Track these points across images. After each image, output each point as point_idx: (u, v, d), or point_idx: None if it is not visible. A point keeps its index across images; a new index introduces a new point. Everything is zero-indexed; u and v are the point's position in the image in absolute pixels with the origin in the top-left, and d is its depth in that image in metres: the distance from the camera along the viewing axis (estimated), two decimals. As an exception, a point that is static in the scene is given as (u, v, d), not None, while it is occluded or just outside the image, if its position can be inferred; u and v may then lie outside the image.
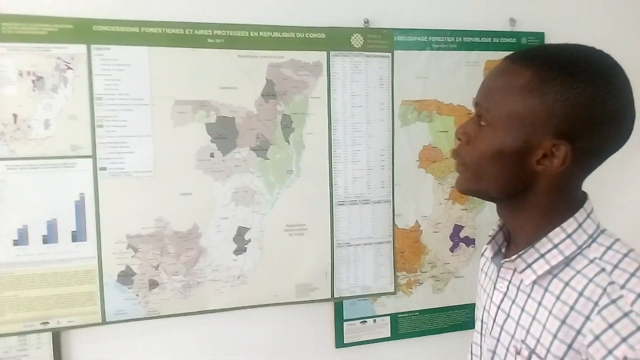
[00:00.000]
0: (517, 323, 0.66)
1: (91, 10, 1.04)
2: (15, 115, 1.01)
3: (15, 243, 1.03)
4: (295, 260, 1.20)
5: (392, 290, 1.25)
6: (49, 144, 1.03)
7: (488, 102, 0.63)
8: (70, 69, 1.03)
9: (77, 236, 1.06)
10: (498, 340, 0.69)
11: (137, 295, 1.10)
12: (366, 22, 1.19)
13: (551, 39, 1.32)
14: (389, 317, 1.27)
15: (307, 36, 1.16)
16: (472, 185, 0.67)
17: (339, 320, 1.24)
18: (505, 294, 0.69)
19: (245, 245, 1.16)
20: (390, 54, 1.21)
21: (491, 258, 0.73)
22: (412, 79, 1.23)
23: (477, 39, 1.27)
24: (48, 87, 1.02)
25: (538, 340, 0.62)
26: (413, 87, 1.23)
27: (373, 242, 1.25)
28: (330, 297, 1.22)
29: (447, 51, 1.25)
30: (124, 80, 1.06)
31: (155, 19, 1.07)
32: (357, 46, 1.19)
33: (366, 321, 1.26)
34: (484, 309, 0.74)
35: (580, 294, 0.59)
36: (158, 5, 1.08)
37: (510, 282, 0.68)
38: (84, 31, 1.03)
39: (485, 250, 0.80)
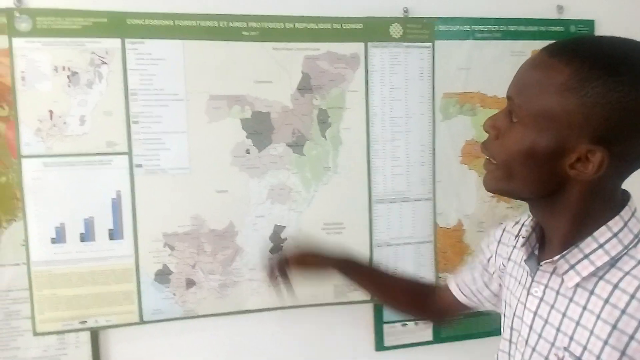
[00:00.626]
0: (558, 329, 0.61)
1: (125, 3, 1.02)
2: (51, 112, 1.00)
3: (53, 241, 1.02)
4: (332, 260, 1.16)
5: (434, 292, 1.20)
6: (84, 141, 1.02)
7: (521, 98, 0.59)
8: (105, 63, 1.02)
9: (114, 234, 1.05)
10: (534, 349, 0.64)
11: (174, 294, 1.08)
12: (405, 11, 1.14)
13: (602, 27, 1.24)
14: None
15: (344, 27, 1.12)
16: (500, 184, 0.64)
17: (379, 322, 1.20)
18: (541, 299, 0.64)
19: (282, 244, 1.13)
20: (430, 45, 1.16)
21: (525, 261, 0.68)
22: (453, 70, 1.18)
23: (522, 28, 1.20)
24: (83, 82, 1.01)
25: (585, 347, 0.57)
26: (455, 79, 1.18)
27: (413, 241, 1.20)
28: (369, 298, 1.18)
29: (490, 41, 1.19)
30: (158, 75, 1.04)
31: (189, 11, 1.05)
32: (396, 37, 1.14)
33: (407, 324, 1.21)
34: (514, 315, 0.69)
35: (632, 296, 0.55)
36: (193, -2, 1.05)
37: (547, 286, 0.63)
38: (118, 25, 1.02)
39: (500, 236, 0.79)
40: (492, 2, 1.19)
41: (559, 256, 0.61)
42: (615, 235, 0.59)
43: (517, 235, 0.76)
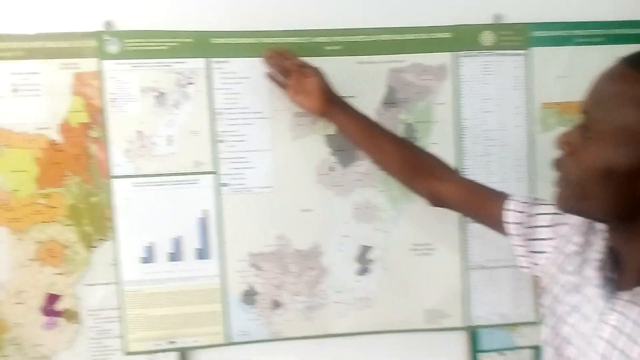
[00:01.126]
0: None
1: (209, 23, 1.02)
2: (139, 132, 1.01)
3: (143, 261, 1.03)
4: (423, 283, 1.09)
5: (534, 319, 1.11)
6: (172, 160, 1.02)
7: (598, 112, 0.55)
8: (191, 83, 1.02)
9: (202, 254, 1.04)
10: None
11: (261, 315, 1.06)
12: (497, 17, 1.07)
13: None
14: (530, 350, 1.12)
15: (431, 37, 1.06)
16: (574, 204, 0.60)
17: (474, 351, 1.12)
18: (615, 327, 0.57)
19: (369, 266, 1.08)
20: (525, 52, 1.08)
21: (599, 286, 0.61)
22: (551, 78, 1.09)
23: (626, 31, 1.10)
24: (170, 102, 1.01)
25: None
26: (553, 87, 1.09)
27: (511, 264, 1.10)
28: (463, 325, 1.10)
29: (592, 46, 1.09)
30: (243, 94, 1.03)
31: (272, 28, 1.03)
32: (487, 44, 1.07)
33: (505, 353, 1.12)
34: (580, 332, 0.63)
35: None
36: (274, 15, 1.03)
37: (623, 314, 0.57)
38: (203, 44, 1.01)
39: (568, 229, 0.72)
40: (593, 4, 1.09)
41: None
42: None
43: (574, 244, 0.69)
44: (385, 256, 1.09)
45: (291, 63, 0.98)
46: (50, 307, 1.01)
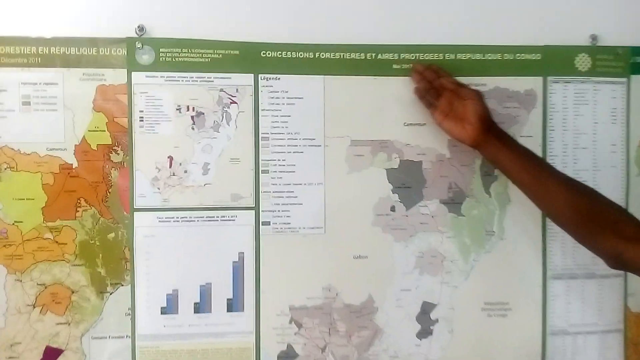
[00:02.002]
0: None
1: (259, 34, 0.87)
2: (171, 158, 0.85)
3: (164, 311, 0.85)
4: (495, 349, 0.91)
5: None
6: (207, 193, 0.86)
7: None
8: (235, 103, 0.86)
9: (234, 305, 0.87)
10: None
11: (299, 383, 0.88)
12: (594, 38, 0.92)
13: None
14: None
15: (517, 58, 0.90)
16: None
17: None
18: None
19: (432, 327, 0.90)
20: (626, 80, 0.92)
21: None
22: (656, 112, 0.93)
23: None
24: (209, 124, 0.86)
25: None
26: (657, 123, 0.92)
27: (598, 329, 0.93)
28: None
29: None
30: (294, 117, 0.87)
31: (332, 41, 0.88)
32: (582, 70, 0.91)
33: None
34: None
35: None
36: (335, 27, 0.88)
37: None
38: (252, 58, 0.86)
39: None
40: None
41: None
42: None
43: None
44: (452, 316, 0.91)
45: (446, 81, 0.84)
46: (50, 362, 0.84)
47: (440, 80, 0.85)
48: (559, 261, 0.92)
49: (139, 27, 0.84)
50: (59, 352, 0.84)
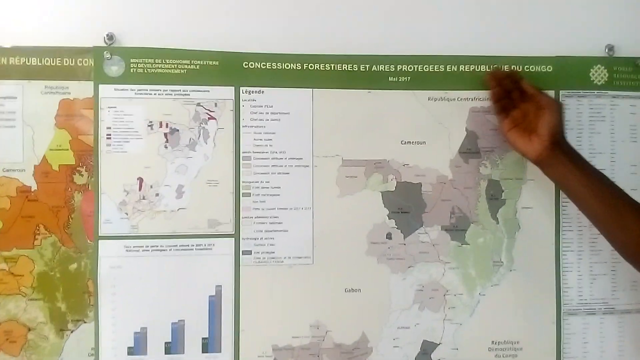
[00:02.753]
0: None
1: (241, 44, 0.79)
2: (140, 180, 0.77)
3: (130, 352, 0.76)
4: (504, 395, 0.81)
5: None
6: (180, 219, 0.77)
7: None
8: (213, 118, 0.78)
9: (209, 346, 0.77)
10: None
11: None
12: (610, 49, 0.83)
13: None
14: None
15: (526, 70, 0.82)
16: None
17: None
18: None
19: (433, 369, 0.81)
20: (645, 94, 0.84)
21: None
22: (680, 129, 0.84)
23: None
24: (184, 142, 0.77)
25: None
26: (682, 141, 0.84)
27: (619, 372, 0.83)
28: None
29: None
30: (279, 134, 0.79)
31: (322, 52, 0.80)
32: (598, 83, 0.83)
33: None
34: None
35: None
36: (325, 35, 0.80)
37: None
38: (233, 69, 0.78)
39: None
40: None
41: None
42: None
43: None
44: (456, 357, 0.81)
45: (527, 87, 0.77)
46: (3, 409, 0.75)
47: (520, 85, 0.77)
48: (574, 295, 0.82)
49: (107, 35, 0.76)
50: (11, 398, 0.75)
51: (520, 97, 0.76)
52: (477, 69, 0.81)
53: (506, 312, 0.82)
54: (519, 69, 0.81)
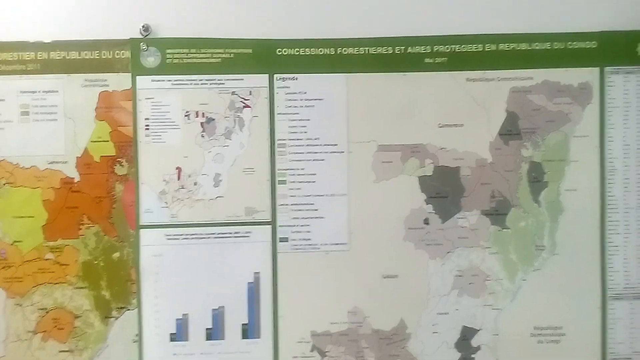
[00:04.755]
0: None
1: (274, 31, 0.78)
2: (179, 169, 0.78)
3: (173, 338, 0.78)
4: (548, 382, 0.80)
5: None
6: (218, 207, 0.78)
7: None
8: (248, 107, 0.78)
9: (249, 331, 0.78)
10: None
11: (323, 418, 0.79)
12: (659, 22, 0.79)
13: None
14: None
15: (569, 46, 0.79)
16: None
17: None
18: None
19: (473, 355, 0.80)
20: (699, 69, 0.79)
21: None
22: None
23: None
24: (220, 131, 0.78)
25: None
26: None
27: (670, 358, 0.80)
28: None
29: None
30: (314, 120, 0.78)
31: (356, 35, 0.78)
32: (646, 58, 0.79)
33: None
34: None
35: None
36: (358, 18, 0.79)
37: None
38: (266, 57, 0.78)
39: None
40: None
41: None
42: None
43: None
44: (497, 343, 0.80)
45: None
46: (54, 393, 0.78)
47: None
48: (620, 279, 0.80)
49: (143, 27, 0.77)
50: (63, 382, 0.78)
51: None
52: (517, 47, 0.79)
53: (549, 297, 0.80)
54: (562, 46, 0.78)
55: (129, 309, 0.78)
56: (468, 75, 0.79)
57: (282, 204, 0.79)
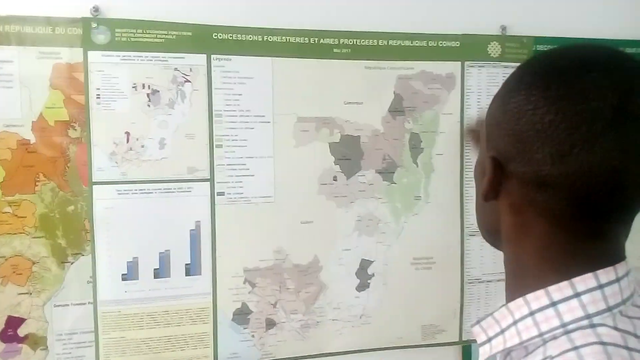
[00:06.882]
0: None
1: (211, 17, 0.93)
2: (127, 134, 0.90)
3: (124, 278, 0.91)
4: (421, 298, 1.05)
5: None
6: (163, 166, 0.92)
7: None
8: (189, 81, 0.92)
9: (192, 270, 0.94)
10: None
11: (253, 336, 0.97)
12: (503, 29, 1.06)
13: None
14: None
15: (440, 44, 1.03)
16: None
17: (469, 365, 1.09)
18: None
19: (369, 281, 1.03)
20: (528, 66, 1.08)
21: None
22: (552, 93, 1.09)
23: (633, 50, 1.12)
24: (164, 101, 0.91)
25: None
26: (554, 102, 1.09)
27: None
28: (458, 339, 1.07)
29: (588, 62, 1.10)
30: (245, 95, 0.95)
31: (279, 26, 0.96)
32: (494, 56, 1.06)
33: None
34: None
35: None
36: (282, 12, 0.96)
37: None
38: (204, 39, 0.92)
39: None
40: (601, 22, 1.09)
41: (475, 321, 0.51)
42: (531, 314, 0.45)
43: None
44: (386, 271, 1.04)
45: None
46: (11, 332, 0.88)
47: None
48: (474, 220, 1.06)
49: (94, 7, 0.87)
50: (21, 320, 0.88)
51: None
52: (402, 43, 1.01)
53: (424, 235, 1.05)
54: (434, 44, 1.02)
55: (83, 255, 0.89)
56: (366, 64, 1.00)
57: (219, 164, 0.94)
